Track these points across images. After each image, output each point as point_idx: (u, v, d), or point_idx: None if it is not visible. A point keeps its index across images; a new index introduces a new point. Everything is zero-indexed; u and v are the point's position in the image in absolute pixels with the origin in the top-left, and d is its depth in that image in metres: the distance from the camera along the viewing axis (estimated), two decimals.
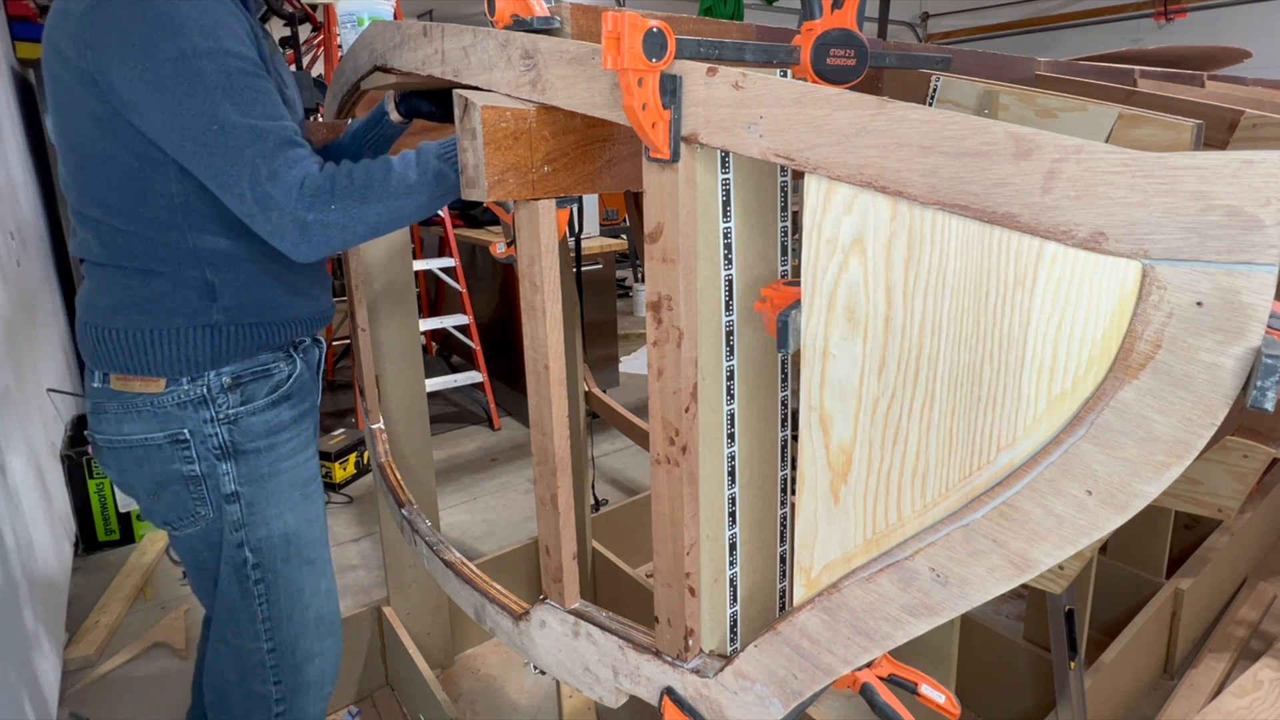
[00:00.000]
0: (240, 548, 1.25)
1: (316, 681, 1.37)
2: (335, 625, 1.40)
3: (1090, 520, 0.55)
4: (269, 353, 1.25)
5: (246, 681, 1.32)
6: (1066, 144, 0.51)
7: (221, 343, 1.18)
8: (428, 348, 5.16)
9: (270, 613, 1.29)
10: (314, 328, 1.34)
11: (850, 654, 0.71)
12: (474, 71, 0.93)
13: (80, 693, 2.16)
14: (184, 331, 1.16)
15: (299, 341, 1.31)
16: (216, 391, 1.19)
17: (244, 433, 1.22)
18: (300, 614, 1.32)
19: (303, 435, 1.32)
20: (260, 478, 1.24)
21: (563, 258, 2.30)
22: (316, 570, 1.34)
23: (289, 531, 1.28)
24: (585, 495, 2.45)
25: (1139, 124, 0.99)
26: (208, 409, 1.19)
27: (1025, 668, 1.91)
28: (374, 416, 1.86)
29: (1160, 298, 0.49)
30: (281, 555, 1.28)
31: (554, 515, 0.98)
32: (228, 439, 1.21)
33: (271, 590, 1.28)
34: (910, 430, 0.64)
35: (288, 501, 1.27)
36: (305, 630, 1.33)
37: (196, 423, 1.19)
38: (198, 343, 1.17)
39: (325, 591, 1.36)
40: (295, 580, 1.30)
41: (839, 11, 0.80)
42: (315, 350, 1.41)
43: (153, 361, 1.16)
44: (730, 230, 0.78)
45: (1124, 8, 7.67)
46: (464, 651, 2.34)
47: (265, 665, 1.31)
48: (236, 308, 1.18)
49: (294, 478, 1.29)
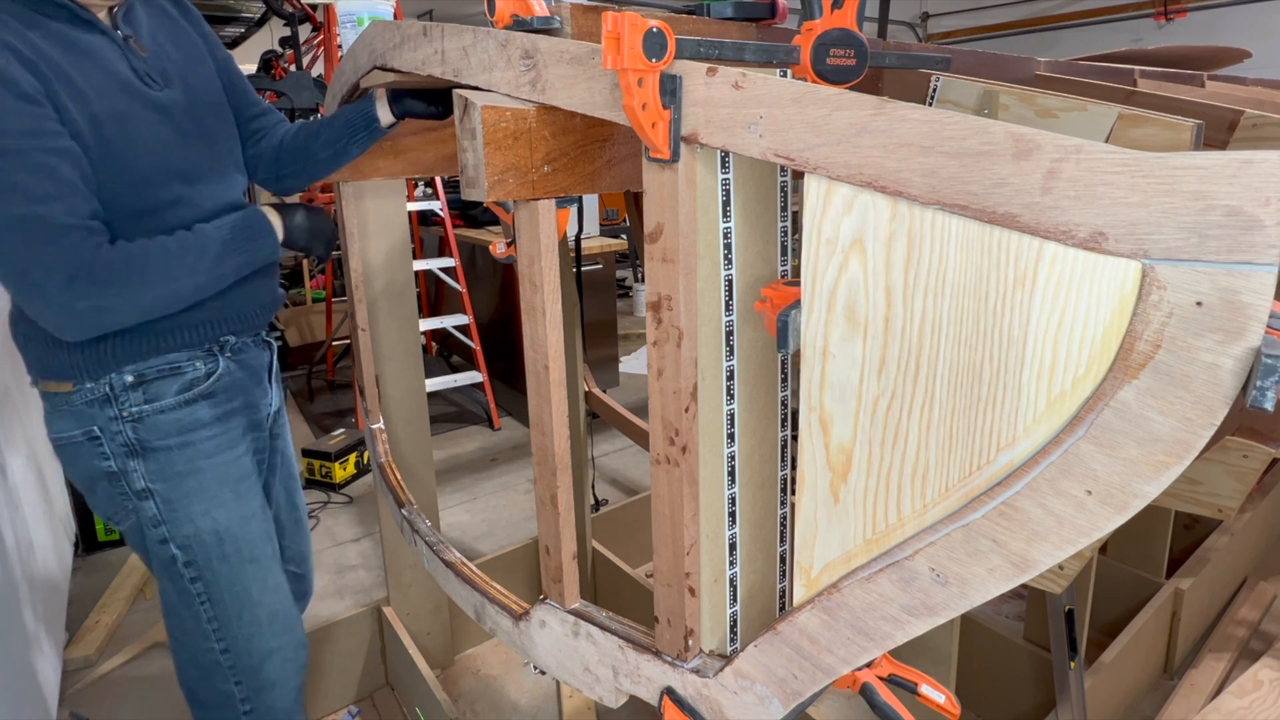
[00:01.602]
0: (164, 544, 1.25)
1: (280, 679, 1.35)
2: (291, 620, 1.38)
3: (1090, 520, 0.55)
4: (177, 352, 1.23)
5: (208, 680, 1.32)
6: (1066, 144, 0.51)
7: (107, 347, 1.18)
8: (428, 348, 5.16)
9: (216, 612, 1.28)
10: (228, 327, 1.30)
11: (850, 654, 0.71)
12: (474, 71, 0.92)
13: (80, 693, 2.16)
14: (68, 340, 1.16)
15: (224, 342, 1.29)
16: (119, 390, 1.19)
17: (151, 430, 1.21)
18: (250, 612, 1.31)
19: (230, 433, 1.30)
20: (177, 475, 1.23)
21: (563, 258, 2.30)
22: (261, 568, 1.32)
23: (220, 529, 1.26)
24: (585, 495, 2.45)
25: (1139, 124, 0.99)
26: (112, 407, 1.20)
27: (1025, 668, 1.91)
28: (374, 416, 1.86)
29: (1160, 298, 0.49)
30: (217, 554, 1.27)
31: (554, 515, 0.98)
32: (133, 436, 1.21)
33: (213, 590, 1.27)
34: (910, 430, 0.64)
35: (214, 499, 1.26)
36: (259, 629, 1.32)
37: (104, 420, 1.20)
38: (81, 348, 1.17)
39: (274, 587, 1.35)
40: (239, 579, 1.29)
41: (839, 11, 0.80)
42: (258, 352, 1.38)
43: (49, 367, 1.19)
44: (730, 230, 0.78)
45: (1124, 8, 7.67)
46: (464, 651, 2.34)
47: (222, 665, 1.30)
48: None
49: (220, 475, 1.27)
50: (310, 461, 3.45)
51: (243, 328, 1.32)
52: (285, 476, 1.56)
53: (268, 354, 1.42)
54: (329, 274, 5.04)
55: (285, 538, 1.55)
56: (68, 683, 2.19)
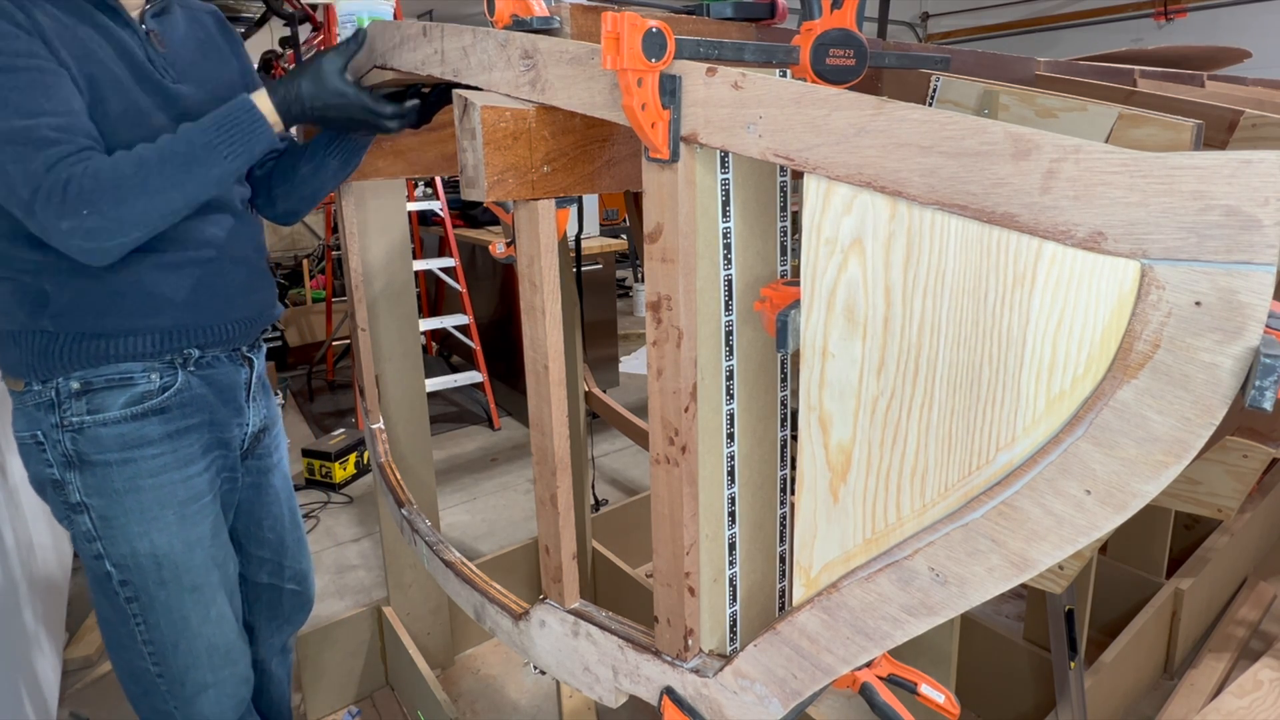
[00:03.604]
0: (99, 560, 1.20)
1: (214, 714, 1.30)
2: (232, 654, 1.31)
3: (1089, 520, 0.55)
4: (132, 361, 1.17)
5: (147, 697, 1.28)
6: (1065, 144, 0.51)
7: (54, 349, 1.14)
8: (428, 348, 5.16)
9: (151, 635, 1.23)
10: (194, 339, 1.22)
11: (849, 653, 0.71)
12: (473, 72, 0.93)
13: (80, 693, 2.16)
14: (19, 336, 1.15)
15: (188, 355, 1.22)
16: (65, 396, 1.15)
17: (90, 443, 1.16)
18: (188, 643, 1.25)
19: (180, 453, 1.22)
20: (114, 492, 1.17)
21: (563, 258, 2.30)
22: (203, 597, 1.25)
23: (159, 553, 1.20)
24: (585, 495, 2.45)
25: (1139, 124, 0.99)
26: (54, 413, 1.16)
27: (1025, 668, 1.91)
28: (374, 416, 1.86)
29: (1159, 297, 0.49)
30: (154, 579, 1.21)
31: (554, 515, 0.98)
32: (71, 448, 1.16)
33: (149, 613, 1.22)
34: (909, 430, 0.64)
35: (155, 521, 1.19)
36: (195, 660, 1.26)
37: (47, 426, 1.16)
38: (30, 347, 1.14)
39: (216, 619, 1.28)
40: (177, 607, 1.23)
41: (838, 11, 0.80)
42: (231, 368, 1.30)
43: (5, 361, 1.17)
44: (730, 230, 0.78)
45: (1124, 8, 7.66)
46: (464, 651, 2.34)
47: (159, 687, 1.26)
48: (69, 316, 1.13)
49: (162, 496, 1.20)
50: (310, 461, 3.45)
51: (211, 341, 1.24)
52: (287, 496, 1.51)
53: (245, 371, 1.33)
54: (329, 274, 5.04)
55: (286, 557, 1.51)
56: (68, 683, 2.19)
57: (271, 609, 1.52)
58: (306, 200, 1.41)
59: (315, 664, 2.04)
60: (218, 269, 1.24)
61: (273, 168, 1.39)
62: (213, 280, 1.23)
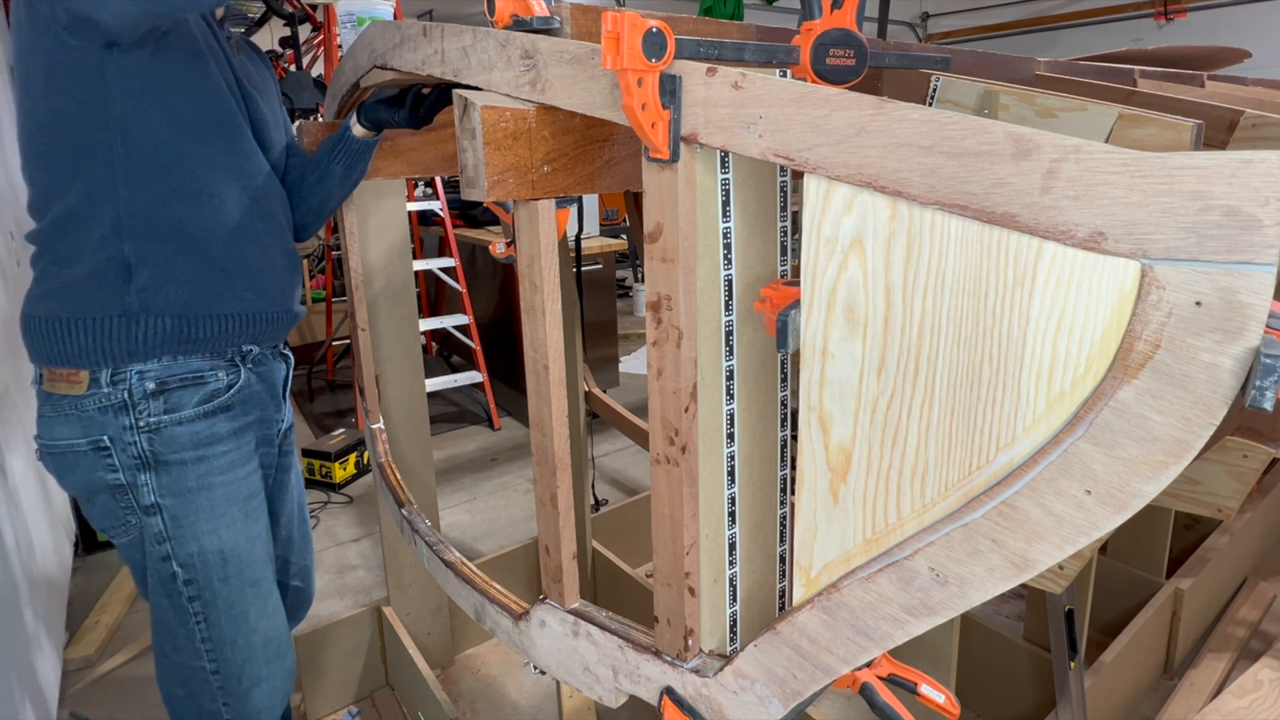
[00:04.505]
0: (166, 561, 1.20)
1: (266, 707, 1.31)
2: (283, 646, 1.34)
3: (1089, 520, 0.55)
4: (202, 358, 1.20)
5: (194, 698, 1.28)
6: (1065, 144, 0.51)
7: (137, 333, 1.14)
8: (428, 348, 5.16)
9: (210, 633, 1.24)
10: (259, 330, 1.27)
11: (850, 654, 0.71)
12: (474, 72, 0.93)
13: (80, 693, 2.16)
14: (98, 320, 1.13)
15: (247, 351, 1.27)
16: (139, 397, 1.15)
17: (166, 443, 1.17)
18: (246, 638, 1.26)
19: (243, 449, 1.26)
20: (187, 490, 1.19)
21: (563, 258, 2.30)
22: (261, 591, 1.28)
23: (225, 549, 1.22)
24: (585, 495, 2.45)
25: (1139, 124, 0.99)
26: (128, 415, 1.15)
27: (1025, 668, 1.91)
28: (374, 416, 1.86)
29: (1159, 297, 0.49)
30: (219, 575, 1.22)
31: (554, 515, 0.98)
32: (147, 448, 1.16)
33: (210, 610, 1.23)
34: (909, 430, 0.64)
35: (223, 518, 1.22)
36: (252, 654, 1.28)
37: (116, 429, 1.15)
38: (111, 332, 1.13)
39: (272, 612, 1.31)
40: (238, 602, 1.25)
41: (838, 11, 0.80)
42: (276, 364, 1.36)
43: (69, 351, 1.13)
44: (730, 230, 0.78)
45: (1124, 8, 7.67)
46: (464, 651, 2.34)
47: (211, 685, 1.27)
48: (153, 291, 1.14)
49: (230, 493, 1.23)
50: (310, 461, 3.45)
51: (267, 333, 1.29)
52: (299, 493, 1.54)
53: (284, 368, 1.40)
54: (329, 274, 5.04)
55: (294, 554, 1.53)
56: (68, 683, 2.19)
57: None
58: (314, 213, 1.44)
59: (315, 664, 2.04)
60: (271, 255, 1.28)
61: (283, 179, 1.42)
62: (269, 264, 1.28)
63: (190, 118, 1.15)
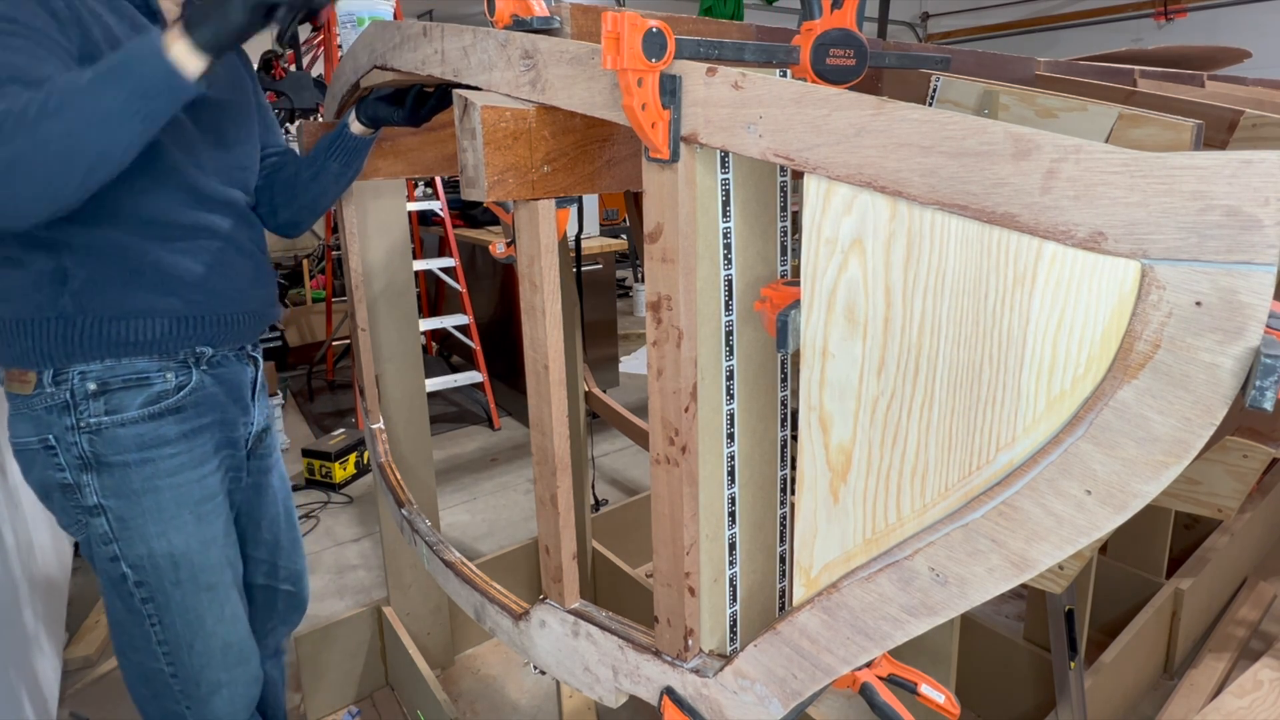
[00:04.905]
0: (115, 562, 1.20)
1: (228, 713, 1.30)
2: (245, 652, 1.32)
3: (1089, 520, 0.55)
4: (148, 359, 1.18)
5: (158, 699, 1.27)
6: (1065, 144, 0.51)
7: (73, 335, 1.12)
8: (428, 348, 5.16)
9: (166, 636, 1.23)
10: (210, 332, 1.23)
11: (850, 654, 0.71)
12: (474, 72, 0.93)
13: (80, 693, 2.16)
14: (34, 323, 1.12)
15: (200, 353, 1.24)
16: (80, 397, 1.14)
17: (108, 444, 1.16)
18: (204, 643, 1.25)
19: (194, 452, 1.23)
20: (132, 492, 1.17)
21: (563, 258, 2.30)
22: (218, 596, 1.26)
23: (176, 553, 1.21)
24: (585, 495, 2.45)
25: (1139, 124, 0.99)
26: (69, 415, 1.14)
27: (1025, 668, 1.91)
28: (374, 416, 1.86)
29: (1159, 297, 0.49)
30: (170, 578, 1.21)
31: (554, 515, 0.98)
32: (88, 449, 1.15)
33: (164, 614, 1.22)
34: (910, 430, 0.64)
35: (172, 520, 1.20)
36: (210, 660, 1.26)
37: (60, 429, 1.15)
38: (47, 334, 1.12)
39: (230, 618, 1.29)
40: (192, 607, 1.23)
41: (838, 11, 0.80)
42: (239, 366, 1.32)
43: (14, 353, 1.13)
44: (730, 230, 0.78)
45: (1124, 8, 7.67)
46: (464, 651, 2.34)
47: (172, 688, 1.26)
48: (89, 293, 1.12)
49: (180, 496, 1.21)
50: (310, 461, 3.45)
51: (221, 335, 1.26)
52: (284, 496, 1.52)
53: (251, 370, 1.36)
54: (329, 274, 5.04)
55: (281, 557, 1.51)
56: (68, 683, 2.19)
57: (266, 610, 1.52)
58: (307, 209, 1.42)
59: (315, 664, 2.04)
60: (226, 258, 1.25)
61: (273, 176, 1.40)
62: (222, 267, 1.24)
63: None
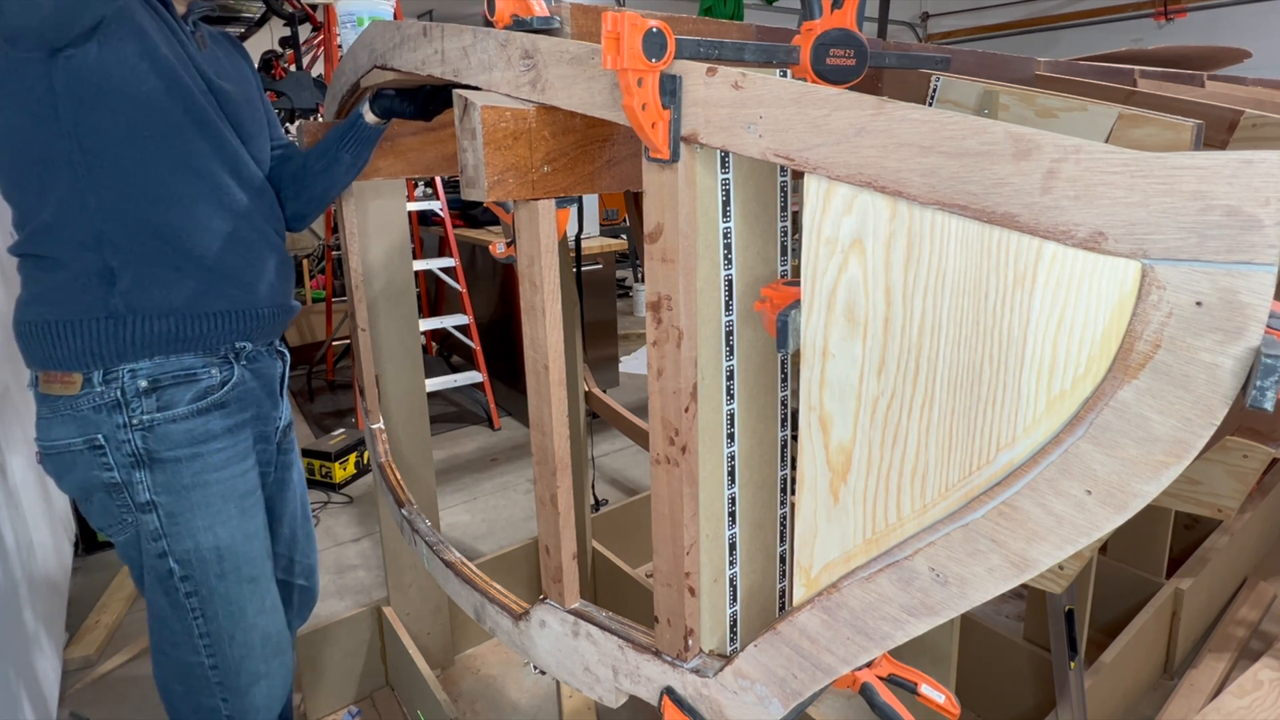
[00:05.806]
0: (163, 558, 1.21)
1: (265, 705, 1.32)
2: (282, 644, 1.34)
3: (1090, 520, 0.55)
4: (194, 355, 1.20)
5: (193, 695, 1.28)
6: (1066, 144, 0.51)
7: (124, 334, 1.14)
8: (428, 348, 5.16)
9: (208, 628, 1.24)
10: (250, 326, 1.27)
11: (850, 654, 0.71)
12: (474, 71, 0.93)
13: (80, 693, 2.16)
14: (83, 324, 1.13)
15: (240, 348, 1.27)
16: (131, 395, 1.15)
17: (160, 440, 1.17)
18: (244, 634, 1.27)
19: (239, 446, 1.26)
20: (183, 487, 1.19)
21: (563, 258, 2.30)
22: (259, 588, 1.29)
23: (221, 546, 1.23)
24: (585, 495, 2.45)
25: (1139, 124, 0.99)
26: (121, 413, 1.15)
27: (1025, 668, 1.91)
28: (374, 416, 1.86)
29: (1159, 297, 0.49)
30: (215, 571, 1.23)
31: (554, 515, 0.98)
32: (141, 446, 1.17)
33: (207, 606, 1.23)
34: (910, 430, 0.64)
35: (219, 514, 1.22)
36: (250, 651, 1.28)
37: (110, 428, 1.15)
38: (99, 334, 1.13)
39: (270, 609, 1.31)
40: (235, 599, 1.25)
41: (839, 11, 0.80)
42: (271, 361, 1.36)
43: (61, 355, 1.14)
44: (730, 230, 0.78)
45: (1124, 8, 7.67)
46: (464, 651, 2.34)
47: (210, 681, 1.27)
48: (137, 293, 1.14)
49: (226, 489, 1.23)
50: (310, 461, 3.45)
51: (258, 329, 1.29)
52: (301, 491, 1.54)
53: (280, 365, 1.40)
54: (329, 274, 5.04)
55: (297, 552, 1.52)
56: (68, 683, 2.19)
57: (283, 605, 1.52)
58: (315, 201, 1.43)
59: (315, 664, 2.04)
60: (258, 252, 1.28)
61: (279, 169, 1.41)
62: (257, 262, 1.27)
63: (147, 119, 1.13)
